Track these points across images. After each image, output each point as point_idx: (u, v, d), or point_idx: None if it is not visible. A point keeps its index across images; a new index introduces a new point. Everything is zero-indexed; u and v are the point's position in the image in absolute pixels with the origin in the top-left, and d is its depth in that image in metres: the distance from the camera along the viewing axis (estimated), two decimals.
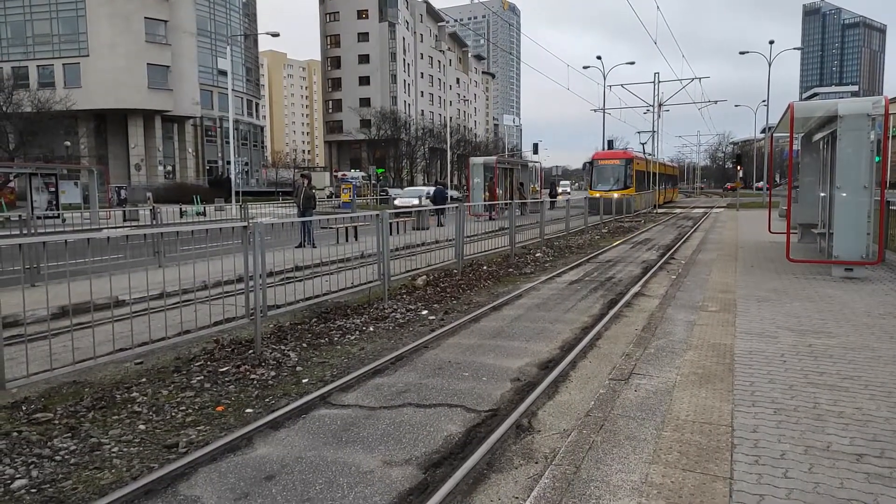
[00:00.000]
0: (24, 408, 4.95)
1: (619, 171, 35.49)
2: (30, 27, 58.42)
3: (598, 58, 47.50)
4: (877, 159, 10.11)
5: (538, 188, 41.08)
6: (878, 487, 3.20)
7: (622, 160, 36.04)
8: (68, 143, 50.16)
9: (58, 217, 23.85)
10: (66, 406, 5.00)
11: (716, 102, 54.71)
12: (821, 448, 3.67)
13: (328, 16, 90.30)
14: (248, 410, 5.05)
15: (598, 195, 29.21)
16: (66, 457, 4.17)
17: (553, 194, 41.40)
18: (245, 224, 6.51)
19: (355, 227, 16.90)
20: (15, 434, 4.45)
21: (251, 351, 6.50)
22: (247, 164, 73.29)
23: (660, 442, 3.83)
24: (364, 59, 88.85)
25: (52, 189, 28.35)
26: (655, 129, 49.05)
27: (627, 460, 3.60)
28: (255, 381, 5.71)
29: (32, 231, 14.38)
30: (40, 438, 4.40)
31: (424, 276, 10.89)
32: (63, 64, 57.56)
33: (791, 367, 5.22)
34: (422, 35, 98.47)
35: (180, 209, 30.21)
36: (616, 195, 31.13)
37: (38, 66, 58.08)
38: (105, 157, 56.52)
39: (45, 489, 3.76)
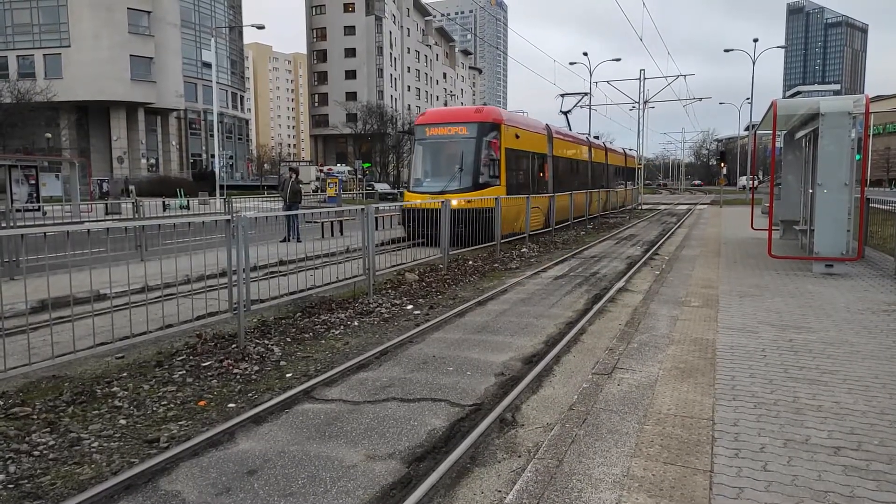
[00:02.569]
0: (1, 402, 4.87)
1: (466, 152, 16.69)
2: (9, 16, 57.34)
3: (585, 54, 47.63)
4: (857, 157, 10.24)
5: None
6: (854, 480, 3.25)
7: (472, 126, 16.83)
8: (49, 135, 49.38)
9: (38, 210, 23.51)
10: (45, 401, 4.94)
11: (700, 100, 54.77)
12: (800, 441, 3.72)
13: (314, 9, 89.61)
14: (231, 405, 5.02)
15: (418, 202, 14.50)
16: (45, 452, 4.12)
17: None
18: (228, 218, 6.45)
19: (340, 222, 16.84)
20: None
21: (234, 345, 6.45)
22: (231, 157, 72.70)
23: (642, 436, 3.86)
24: (350, 52, 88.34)
25: (33, 181, 27.90)
26: (641, 126, 49.22)
27: (609, 454, 3.62)
28: (238, 376, 5.67)
29: (11, 224, 14.15)
30: (18, 433, 4.34)
31: (415, 272, 10.87)
32: (44, 54, 56.59)
33: (771, 362, 5.28)
34: (408, 29, 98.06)
35: (163, 202, 29.87)
36: (456, 202, 14.09)
37: (17, 56, 57.03)
38: (87, 149, 55.70)
39: (23, 485, 3.71)
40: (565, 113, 29.60)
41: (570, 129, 27.78)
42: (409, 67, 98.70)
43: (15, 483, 3.72)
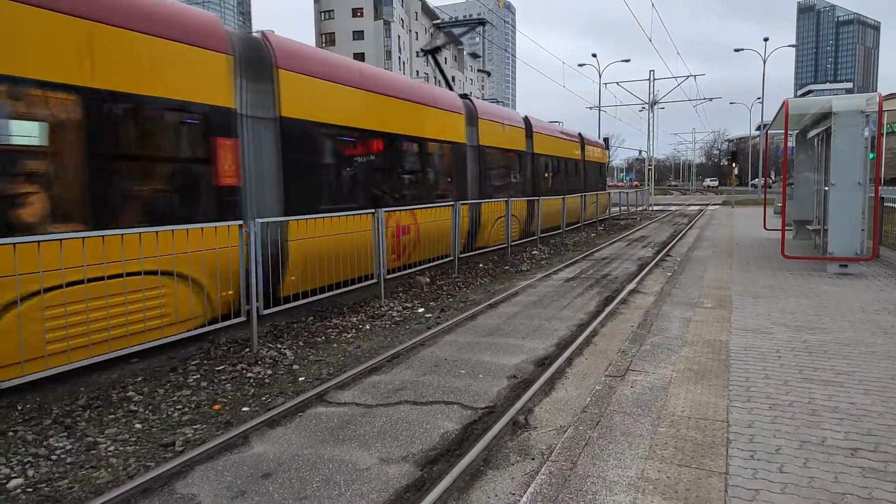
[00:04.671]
0: (19, 407, 4.94)
1: None
2: None
3: (594, 55, 47.57)
4: (871, 156, 10.16)
5: None
6: (872, 481, 3.22)
7: None
8: None
9: None
10: (62, 405, 4.99)
11: (711, 100, 54.72)
12: (816, 443, 3.69)
13: (323, 14, 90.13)
14: (245, 409, 5.05)
15: None
16: (63, 456, 4.17)
17: None
18: (240, 223, 6.49)
19: None
20: (11, 433, 4.44)
21: (247, 349, 6.50)
22: None
23: (656, 438, 3.84)
24: (359, 57, 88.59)
25: None
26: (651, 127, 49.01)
27: (623, 456, 3.61)
28: (252, 380, 5.71)
29: None
30: (36, 438, 4.40)
31: (426, 275, 10.89)
32: None
33: (786, 363, 5.24)
34: (417, 33, 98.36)
35: None
36: None
37: None
38: None
39: (42, 488, 3.76)
40: (431, 52, 16.68)
41: (448, 83, 16.76)
42: (417, 71, 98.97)
43: (34, 487, 3.77)
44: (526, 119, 17.81)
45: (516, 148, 16.82)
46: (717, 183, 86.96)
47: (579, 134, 23.94)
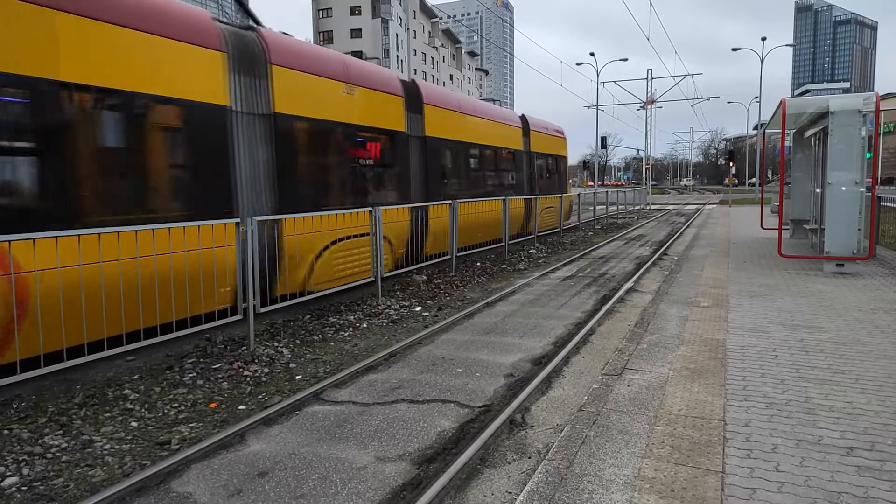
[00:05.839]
0: (14, 405, 4.92)
1: None
2: None
3: (592, 54, 47.52)
4: (868, 155, 10.18)
5: None
6: (868, 480, 3.22)
7: None
8: None
9: None
10: (58, 403, 4.98)
11: (708, 99, 54.86)
12: (812, 441, 3.70)
13: (321, 12, 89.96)
14: (241, 407, 5.04)
15: None
16: (58, 454, 4.15)
17: None
18: (237, 220, 6.48)
19: None
20: (6, 431, 4.43)
21: (244, 348, 6.49)
22: None
23: (652, 436, 3.84)
24: (357, 55, 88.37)
25: None
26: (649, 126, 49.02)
27: (620, 455, 3.61)
28: (248, 378, 5.70)
29: None
30: (31, 436, 4.38)
31: (423, 274, 10.88)
32: None
33: (783, 362, 5.25)
34: (415, 31, 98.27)
35: None
36: None
37: None
38: None
39: (37, 487, 3.74)
40: None
41: (268, 28, 8.45)
42: (415, 70, 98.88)
43: (28, 485, 3.76)
44: (412, 84, 11.77)
45: (385, 127, 10.64)
46: (692, 182, 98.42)
47: (522, 116, 17.76)
